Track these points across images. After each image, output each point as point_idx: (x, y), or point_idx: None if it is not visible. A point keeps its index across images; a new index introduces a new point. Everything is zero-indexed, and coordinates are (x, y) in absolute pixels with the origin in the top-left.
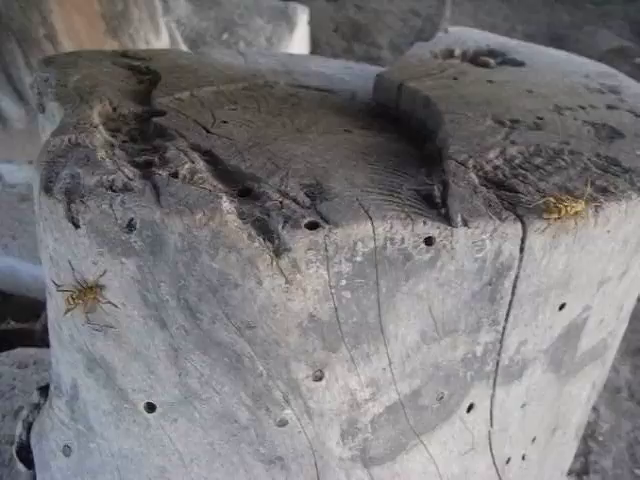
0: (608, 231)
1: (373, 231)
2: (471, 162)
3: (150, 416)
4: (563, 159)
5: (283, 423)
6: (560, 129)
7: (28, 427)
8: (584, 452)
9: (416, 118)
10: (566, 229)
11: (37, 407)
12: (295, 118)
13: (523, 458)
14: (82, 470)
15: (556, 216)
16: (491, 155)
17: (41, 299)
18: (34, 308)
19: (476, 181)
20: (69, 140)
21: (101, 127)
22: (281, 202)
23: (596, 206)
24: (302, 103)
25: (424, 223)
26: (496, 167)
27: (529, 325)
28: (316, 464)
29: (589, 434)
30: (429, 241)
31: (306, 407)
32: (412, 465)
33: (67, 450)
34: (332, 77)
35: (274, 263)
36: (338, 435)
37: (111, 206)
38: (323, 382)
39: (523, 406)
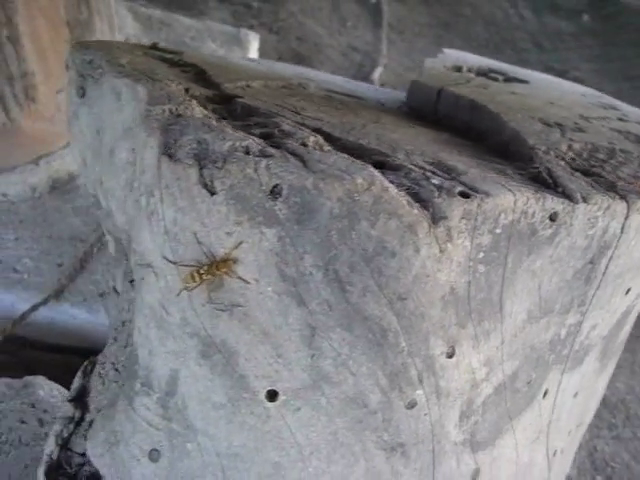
0: None
1: (514, 203)
2: (553, 153)
3: (271, 405)
4: (620, 155)
5: (412, 405)
6: (598, 132)
7: (63, 443)
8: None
9: (460, 120)
10: None
11: (72, 420)
12: (358, 113)
13: (562, 452)
14: (175, 475)
15: None
16: (564, 148)
17: None
18: None
19: (568, 168)
20: (170, 111)
21: (194, 102)
22: (423, 173)
23: None
24: (347, 104)
25: (552, 199)
26: (573, 158)
27: (603, 308)
28: (433, 449)
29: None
30: (554, 216)
31: (437, 386)
32: (504, 451)
33: (155, 454)
34: (344, 87)
35: (432, 230)
36: (457, 417)
37: (256, 170)
38: (454, 359)
39: (575, 395)
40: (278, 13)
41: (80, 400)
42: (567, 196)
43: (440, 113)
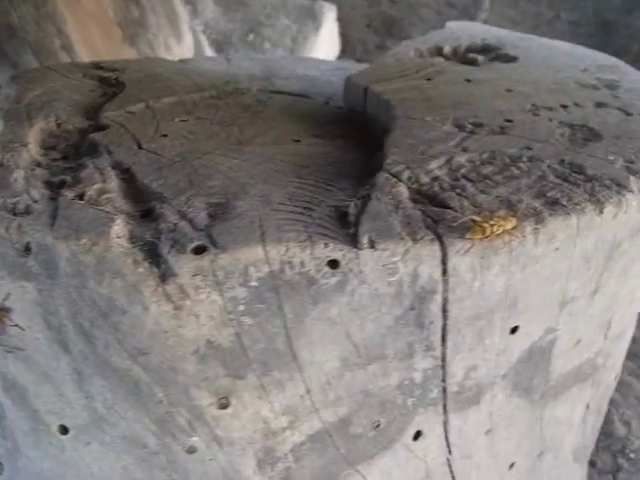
0: (556, 249)
1: (266, 255)
2: (407, 174)
3: (64, 438)
4: (518, 167)
5: (192, 450)
6: (527, 132)
7: None
8: (612, 469)
9: (381, 123)
10: (495, 249)
11: None
12: (247, 128)
13: None
14: None
15: (480, 236)
16: (433, 165)
17: None
18: None
19: (405, 195)
20: None
21: (32, 145)
22: (175, 224)
23: (536, 222)
24: (266, 111)
25: (325, 246)
26: (435, 178)
27: (475, 350)
28: None
29: (619, 450)
30: (333, 264)
31: (213, 435)
32: None
33: (0, 467)
34: (316, 80)
35: (159, 289)
36: (254, 464)
37: (7, 230)
38: (229, 410)
39: (488, 432)
40: None
41: None
42: (354, 240)
43: (367, 115)
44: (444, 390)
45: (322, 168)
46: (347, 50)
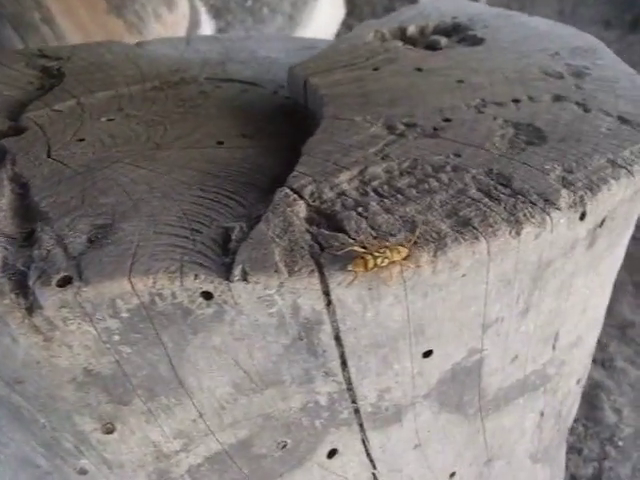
0: (464, 275)
1: (132, 287)
2: (310, 189)
3: None
4: (438, 179)
5: (83, 472)
6: (463, 135)
7: None
8: (599, 457)
9: (318, 121)
10: (385, 280)
11: None
12: (174, 127)
13: None
14: None
15: (362, 269)
16: (343, 177)
17: None
18: None
19: (302, 214)
20: None
21: None
22: (48, 251)
23: (436, 250)
24: (204, 104)
25: (195, 277)
26: (341, 194)
27: (384, 374)
28: None
29: (607, 438)
30: (207, 295)
31: (102, 458)
32: None
33: None
34: (275, 63)
35: (26, 321)
36: None
37: None
38: (115, 435)
39: (417, 447)
40: None
41: None
42: (227, 272)
43: (309, 109)
44: (356, 411)
45: (234, 177)
46: (354, 13)
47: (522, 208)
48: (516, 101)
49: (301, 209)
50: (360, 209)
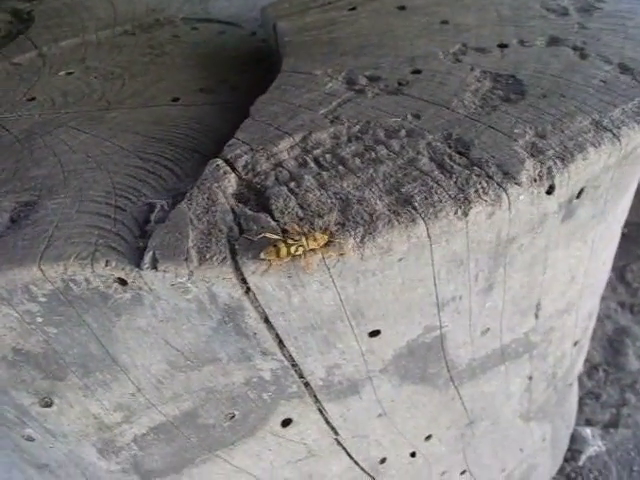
0: (400, 259)
1: (43, 274)
2: (245, 159)
3: None
4: (389, 146)
5: (30, 439)
6: (430, 90)
7: None
8: (617, 403)
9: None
10: (303, 269)
11: None
12: (133, 80)
13: (413, 455)
14: None
15: (274, 257)
16: (283, 145)
17: None
18: None
19: (230, 190)
20: None
21: None
22: None
23: (363, 236)
24: (173, 51)
25: (106, 264)
26: (277, 164)
27: (329, 353)
28: (84, 473)
29: (628, 385)
30: (122, 281)
31: (45, 428)
32: (210, 476)
33: None
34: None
35: None
36: (95, 452)
37: None
38: (54, 408)
39: (381, 416)
40: None
41: None
42: (139, 257)
43: (280, 54)
44: (307, 384)
45: (178, 142)
46: None
47: (475, 183)
48: (503, 46)
49: (230, 184)
50: (293, 184)
